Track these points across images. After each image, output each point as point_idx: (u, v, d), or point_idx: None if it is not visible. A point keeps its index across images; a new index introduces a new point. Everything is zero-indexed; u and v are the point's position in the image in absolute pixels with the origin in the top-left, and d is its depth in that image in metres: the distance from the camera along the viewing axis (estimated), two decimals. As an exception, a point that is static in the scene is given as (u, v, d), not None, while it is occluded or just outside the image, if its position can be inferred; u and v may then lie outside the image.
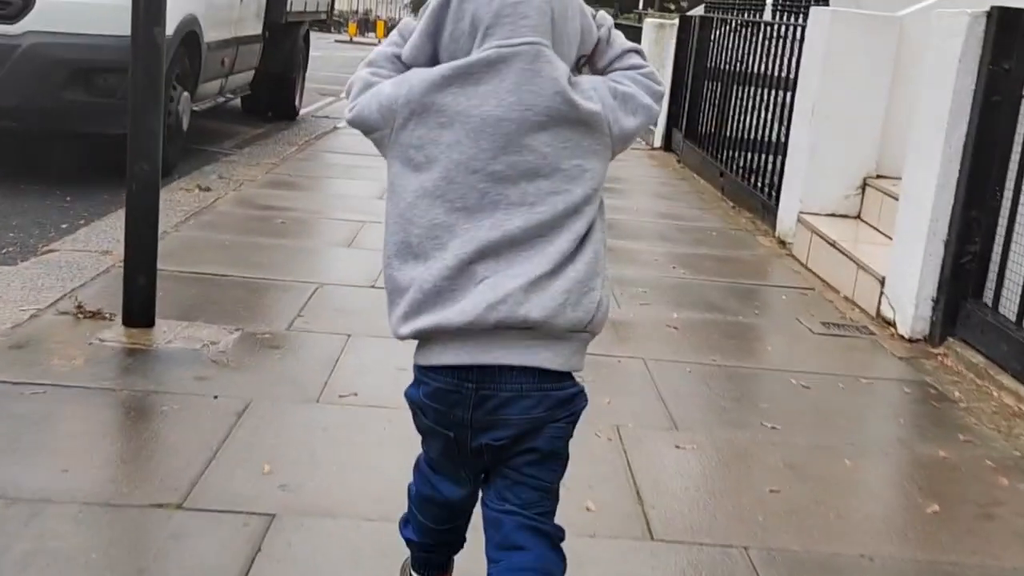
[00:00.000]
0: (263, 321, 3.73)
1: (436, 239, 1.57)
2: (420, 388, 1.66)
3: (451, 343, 1.59)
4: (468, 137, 1.55)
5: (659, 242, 5.79)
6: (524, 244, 1.56)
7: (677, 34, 9.82)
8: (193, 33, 7.06)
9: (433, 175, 1.57)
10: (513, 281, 1.55)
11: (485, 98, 1.54)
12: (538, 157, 1.56)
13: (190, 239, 4.85)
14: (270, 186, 6.37)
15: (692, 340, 4.00)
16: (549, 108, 1.55)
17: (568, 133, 1.58)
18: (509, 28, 1.54)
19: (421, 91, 1.57)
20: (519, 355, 1.58)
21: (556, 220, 1.57)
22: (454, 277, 1.56)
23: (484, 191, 1.56)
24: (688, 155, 8.94)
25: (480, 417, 1.61)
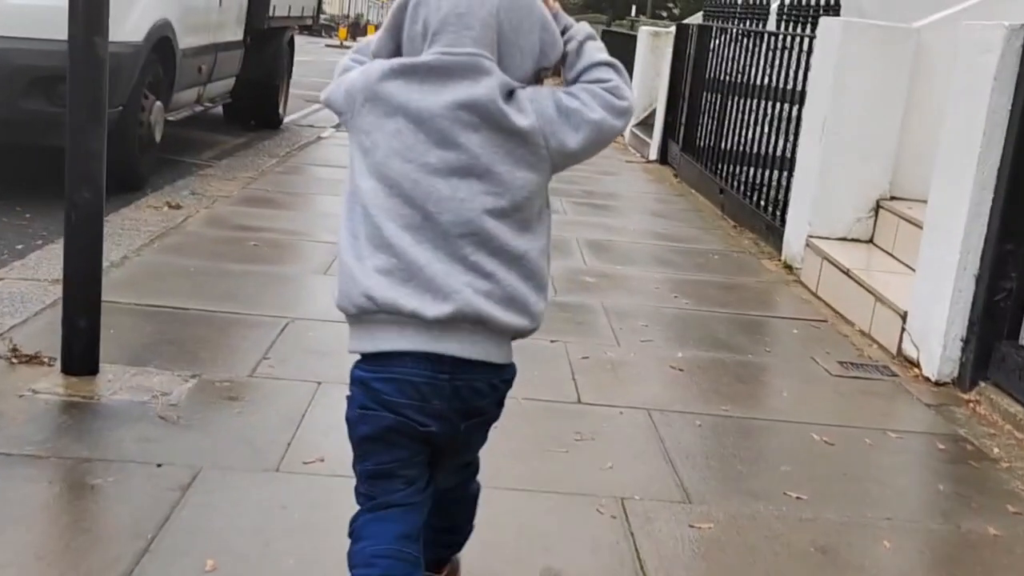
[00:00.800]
0: (224, 365, 3.31)
1: (376, 219, 1.62)
2: (386, 386, 1.63)
3: (405, 329, 1.62)
4: (407, 128, 1.61)
5: (657, 267, 5.38)
6: (457, 240, 1.60)
7: (674, 43, 9.43)
8: (166, 39, 6.63)
9: (376, 160, 1.63)
10: (455, 281, 1.60)
11: (426, 94, 1.60)
12: (470, 157, 1.60)
13: (152, 265, 4.42)
14: (245, 203, 5.94)
15: (700, 385, 3.59)
16: (483, 111, 1.60)
17: (501, 139, 1.61)
18: (452, 37, 1.60)
19: (374, 80, 1.64)
20: (474, 349, 1.64)
21: (487, 221, 1.61)
22: (400, 257, 1.60)
23: (416, 181, 1.61)
24: (686, 169, 8.55)
25: (456, 405, 1.66)
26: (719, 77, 7.88)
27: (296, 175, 7.17)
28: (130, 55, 6.09)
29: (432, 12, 1.62)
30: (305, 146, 8.57)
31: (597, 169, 8.98)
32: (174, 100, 7.11)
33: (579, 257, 5.42)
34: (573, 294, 4.66)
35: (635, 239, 6.07)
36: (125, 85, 6.10)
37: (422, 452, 1.69)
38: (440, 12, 1.61)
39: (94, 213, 3.03)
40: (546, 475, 2.73)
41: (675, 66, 9.36)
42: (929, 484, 2.96)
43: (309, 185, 6.92)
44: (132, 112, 6.27)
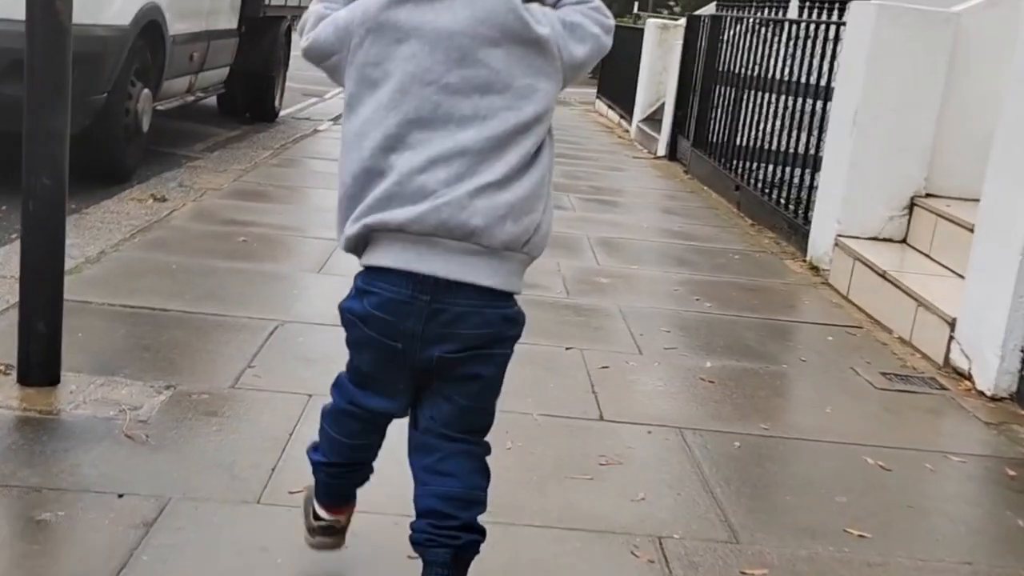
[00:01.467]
0: (203, 375, 2.93)
1: (389, 151, 1.58)
2: (365, 299, 1.64)
3: (392, 245, 1.60)
4: (423, 50, 1.57)
5: (676, 267, 5.01)
6: (474, 156, 1.58)
7: (684, 35, 9.05)
8: (155, 23, 6.23)
9: (388, 88, 1.58)
10: (460, 188, 1.57)
11: (440, 13, 1.57)
12: (491, 72, 1.58)
13: (131, 261, 4.03)
14: (236, 196, 5.55)
15: (733, 399, 3.21)
16: (503, 25, 1.58)
17: (521, 51, 1.60)
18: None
19: (377, 9, 1.59)
20: (457, 268, 1.60)
21: (506, 135, 1.59)
22: (404, 183, 1.58)
23: (437, 103, 1.58)
24: (697, 165, 8.17)
25: (433, 330, 1.62)
26: (733, 69, 7.50)
27: (291, 168, 6.79)
28: (115, 39, 5.70)
29: None
30: (301, 139, 8.19)
31: (604, 165, 8.61)
32: (164, 88, 6.71)
33: (591, 256, 5.05)
34: (587, 296, 4.28)
35: (649, 237, 5.69)
36: (110, 71, 5.71)
37: (401, 371, 1.67)
38: None
39: (55, 202, 2.64)
40: (569, 509, 2.35)
41: (685, 59, 8.98)
42: (1006, 519, 2.57)
43: (304, 178, 6.54)
44: (117, 99, 5.88)
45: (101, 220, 4.64)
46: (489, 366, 1.68)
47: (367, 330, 1.65)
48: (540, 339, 3.58)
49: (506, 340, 1.68)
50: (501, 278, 1.63)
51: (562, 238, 5.39)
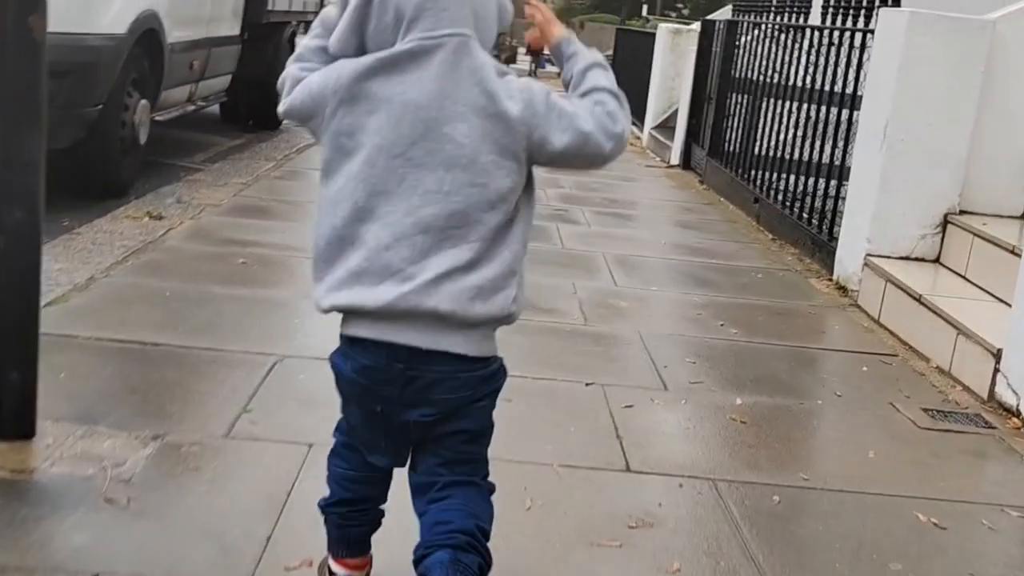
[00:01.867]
0: (194, 421, 2.69)
1: (359, 222, 1.60)
2: (348, 362, 1.67)
3: (365, 320, 1.62)
4: (390, 122, 1.58)
5: (696, 287, 4.76)
6: (438, 232, 1.58)
7: (699, 40, 8.80)
8: (152, 32, 6.00)
9: (359, 159, 1.60)
10: (424, 273, 1.58)
11: (408, 86, 1.57)
12: (456, 147, 1.57)
13: (121, 288, 3.79)
14: (236, 213, 5.31)
15: (768, 442, 2.96)
16: (468, 99, 1.58)
17: (488, 127, 1.58)
18: (431, 20, 1.57)
19: (350, 80, 1.60)
20: (430, 339, 1.61)
21: (470, 212, 1.58)
22: (372, 259, 1.59)
23: (402, 176, 1.58)
24: (713, 175, 7.92)
25: (409, 395, 1.64)
26: (750, 76, 7.25)
27: (293, 180, 6.55)
28: (111, 48, 5.48)
29: (404, 0, 1.57)
30: (304, 149, 7.94)
31: (616, 175, 8.36)
32: (162, 99, 6.49)
33: (607, 276, 4.80)
34: (605, 321, 4.03)
35: (667, 254, 5.44)
36: (105, 81, 5.49)
37: (382, 427, 1.69)
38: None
39: (29, 238, 2.40)
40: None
41: (699, 65, 8.73)
42: (1079, 588, 2.33)
43: (307, 192, 6.29)
44: (113, 111, 5.65)
45: (92, 241, 4.41)
46: (472, 420, 1.70)
47: (349, 390, 1.71)
48: (558, 373, 3.34)
49: (485, 396, 1.69)
50: (474, 345, 1.64)
51: (578, 256, 5.15)
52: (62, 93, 5.26)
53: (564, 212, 6.29)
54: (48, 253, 4.14)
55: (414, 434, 1.68)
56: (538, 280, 4.52)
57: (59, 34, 5.38)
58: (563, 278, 4.66)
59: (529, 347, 3.58)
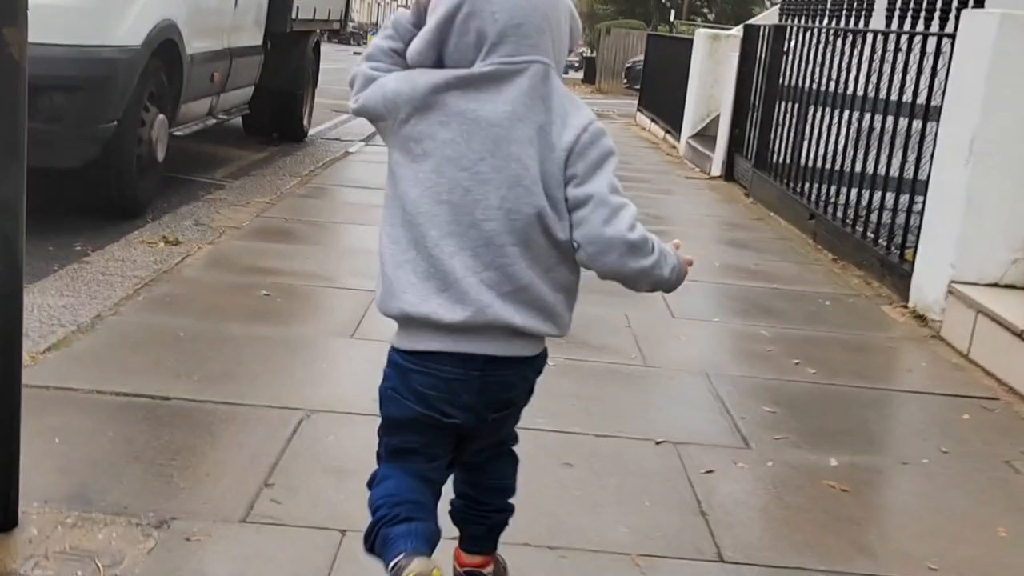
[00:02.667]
0: (207, 500, 2.27)
1: (420, 226, 1.62)
2: (416, 378, 1.65)
3: (438, 333, 1.62)
4: (462, 136, 1.61)
5: (761, 317, 4.30)
6: (497, 249, 1.60)
7: (741, 46, 8.34)
8: (171, 43, 5.63)
9: (427, 167, 1.62)
10: (489, 291, 1.61)
11: (483, 104, 1.61)
12: (520, 167, 1.60)
13: (131, 329, 3.39)
14: (258, 236, 4.91)
15: (878, 519, 2.52)
16: (536, 122, 1.61)
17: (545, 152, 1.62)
18: (513, 46, 1.60)
19: (426, 90, 1.62)
20: (507, 347, 1.65)
21: (529, 229, 1.61)
22: (436, 266, 1.61)
23: (468, 188, 1.61)
24: (760, 188, 7.45)
25: (484, 399, 1.67)
26: (802, 84, 6.78)
27: (320, 199, 6.15)
28: (126, 61, 5.11)
29: (488, 24, 1.59)
30: (331, 163, 7.56)
31: (656, 187, 7.92)
32: (181, 112, 6.12)
33: (662, 305, 4.35)
34: (667, 360, 3.59)
35: (723, 278, 4.99)
36: (120, 96, 5.11)
37: (446, 437, 1.71)
38: (497, 24, 1.59)
39: (8, 293, 2.00)
40: None
41: (742, 72, 8.27)
42: None
43: (335, 211, 5.89)
44: (129, 127, 5.28)
45: (102, 271, 4.02)
46: (520, 411, 1.80)
47: (418, 408, 1.66)
48: (622, 429, 2.90)
49: (532, 389, 1.77)
50: (539, 345, 1.72)
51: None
52: (74, 109, 4.89)
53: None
54: (53, 286, 3.78)
55: (487, 431, 1.73)
56: (586, 311, 4.04)
57: (70, 47, 5.06)
58: (613, 308, 4.22)
59: (586, 395, 3.15)
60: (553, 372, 1.78)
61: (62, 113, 4.86)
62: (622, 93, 20.36)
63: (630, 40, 23.26)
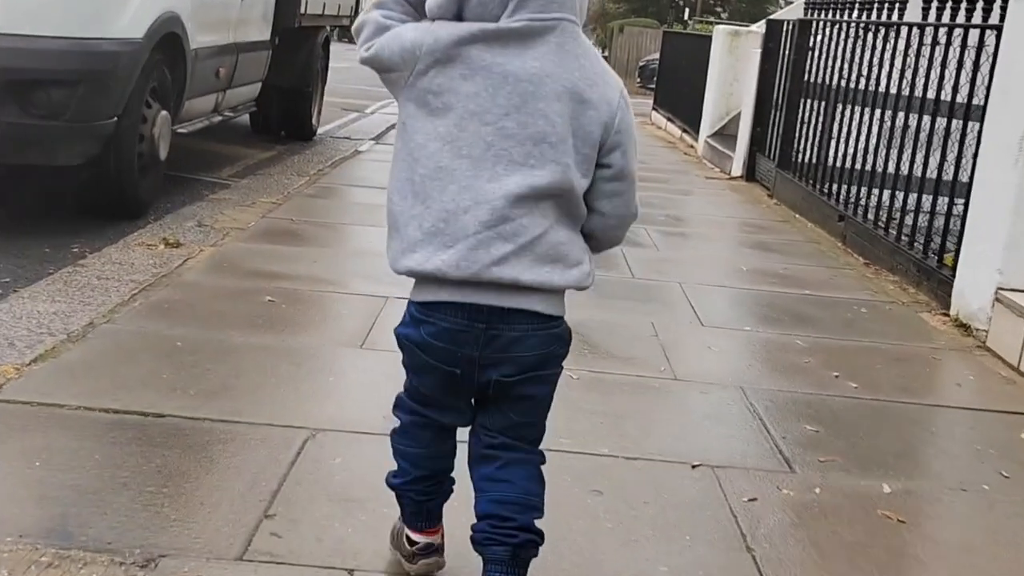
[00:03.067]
0: (200, 534, 2.04)
1: (438, 181, 1.60)
2: (422, 327, 1.67)
3: (446, 286, 1.62)
4: (487, 91, 1.57)
5: (796, 326, 4.05)
6: (517, 203, 1.59)
7: (763, 42, 8.09)
8: (174, 36, 5.41)
9: (447, 121, 1.59)
10: (504, 244, 1.59)
11: (510, 59, 1.57)
12: (547, 123, 1.58)
13: (125, 337, 3.17)
14: (263, 238, 4.69)
15: (942, 554, 2.27)
16: (567, 81, 1.59)
17: (578, 111, 1.60)
18: (542, 2, 1.57)
19: (448, 43, 1.58)
20: (514, 300, 1.63)
21: (551, 187, 1.60)
22: (449, 220, 1.59)
23: (490, 143, 1.58)
24: (784, 189, 7.20)
25: (489, 354, 1.65)
26: (829, 81, 6.53)
27: (328, 199, 5.92)
28: (127, 55, 4.89)
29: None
30: (340, 162, 7.34)
31: (677, 188, 7.68)
32: (185, 109, 5.90)
33: (690, 312, 4.11)
34: (699, 373, 3.35)
35: (751, 283, 4.74)
36: (120, 91, 4.90)
37: (459, 392, 1.72)
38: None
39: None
40: None
41: (765, 69, 8.01)
42: None
43: (343, 212, 5.66)
44: (130, 124, 5.06)
45: (98, 275, 3.80)
46: (541, 386, 1.73)
47: (426, 357, 1.68)
48: (655, 450, 2.67)
49: (557, 358, 1.73)
50: (553, 304, 1.67)
51: (652, 288, 4.47)
52: (72, 105, 4.67)
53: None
54: (44, 291, 3.56)
55: (492, 392, 1.70)
56: (611, 318, 3.86)
57: (68, 39, 4.83)
58: (639, 315, 3.99)
59: (614, 412, 2.92)
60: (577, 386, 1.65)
61: (60, 109, 4.64)
62: (635, 92, 20.10)
63: (643, 39, 23.01)
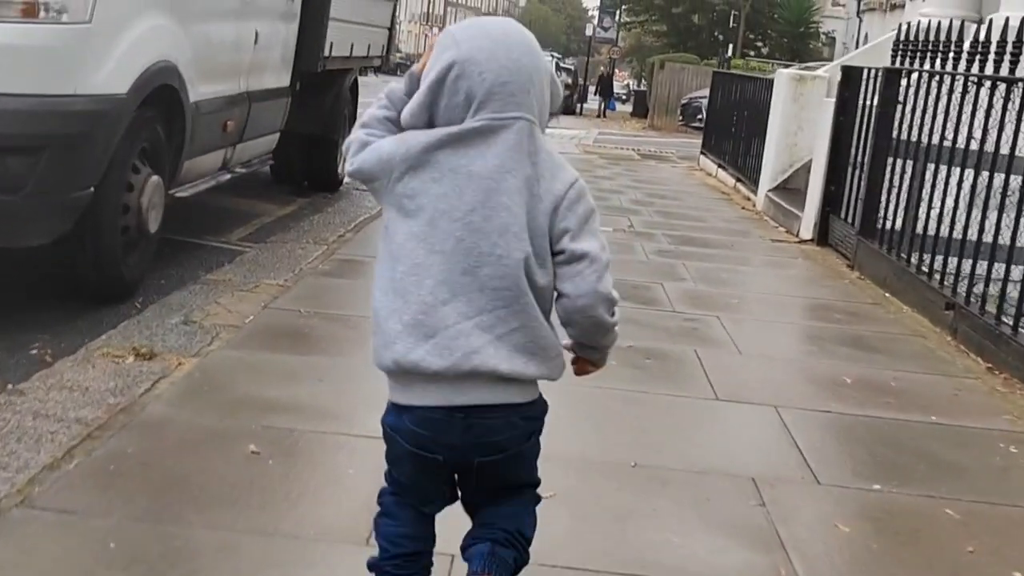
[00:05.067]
0: None
1: (415, 276, 1.70)
2: (404, 416, 1.74)
3: (429, 384, 1.69)
4: (454, 190, 1.70)
5: (933, 478, 3.06)
6: (493, 294, 1.68)
7: (839, 90, 7.11)
8: (169, 88, 4.57)
9: (420, 221, 1.71)
10: (483, 334, 1.68)
11: (472, 159, 1.70)
12: (509, 215, 1.69)
13: (35, 533, 2.23)
14: (260, 342, 3.77)
15: None
16: (523, 175, 1.71)
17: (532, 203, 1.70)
18: (499, 103, 1.69)
19: (419, 150, 1.71)
20: (491, 395, 1.71)
21: (520, 276, 1.69)
22: (428, 313, 1.68)
23: (460, 238, 1.69)
24: (869, 261, 6.19)
25: (470, 440, 1.72)
26: (927, 139, 5.55)
27: (345, 277, 5.00)
28: (107, 113, 4.05)
29: (476, 84, 1.68)
30: (364, 224, 6.43)
31: (741, 256, 6.70)
32: (185, 169, 5.04)
33: (800, 463, 3.12)
34: (815, 546, 2.37)
35: (864, 406, 3.72)
36: (98, 158, 4.05)
37: (439, 476, 1.79)
38: (485, 84, 1.68)
39: None
40: None
41: (840, 121, 7.04)
42: None
43: (361, 298, 4.67)
44: (111, 195, 4.21)
45: (37, 410, 2.89)
46: (526, 459, 1.82)
47: (407, 445, 1.75)
48: None
49: (536, 432, 1.81)
50: (528, 391, 1.76)
51: (742, 413, 3.48)
52: (35, 176, 3.80)
53: (695, 325, 4.64)
54: None
55: (476, 475, 1.77)
56: (697, 464, 2.88)
57: (29, 97, 3.95)
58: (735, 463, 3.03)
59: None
60: None
61: (19, 181, 3.79)
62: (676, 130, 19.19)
63: (684, 75, 22.08)
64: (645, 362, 3.95)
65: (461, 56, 1.68)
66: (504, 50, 1.69)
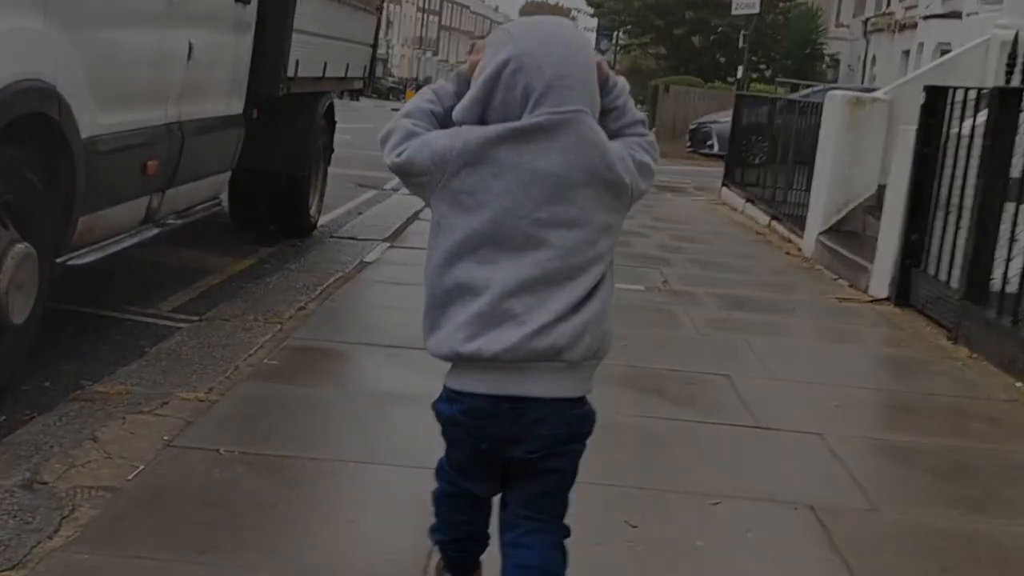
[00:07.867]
0: None
1: (481, 271, 1.72)
2: (454, 405, 1.79)
3: (485, 373, 1.74)
4: (519, 187, 1.71)
5: None
6: (556, 283, 1.73)
7: (921, 117, 5.73)
8: (43, 119, 3.17)
9: (482, 218, 1.72)
10: (544, 316, 1.72)
11: (536, 155, 1.71)
12: (577, 210, 1.73)
13: None
14: (140, 527, 2.32)
15: None
16: (591, 169, 1.74)
17: (603, 193, 1.76)
18: (558, 97, 1.70)
19: (477, 145, 1.71)
20: (546, 387, 1.75)
21: (584, 264, 1.75)
22: (495, 304, 1.71)
23: (528, 234, 1.72)
24: (982, 334, 4.76)
25: (515, 432, 1.76)
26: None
27: (300, 383, 3.50)
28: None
29: (534, 78, 1.69)
30: (335, 286, 4.99)
31: (802, 324, 5.30)
32: (83, 229, 3.64)
33: None
34: None
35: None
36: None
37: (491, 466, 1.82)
38: (544, 77, 1.69)
39: None
40: None
41: (923, 155, 5.66)
42: None
43: (322, 423, 3.25)
44: (-56, 275, 2.78)
45: None
46: (565, 461, 1.82)
47: (457, 431, 1.80)
48: None
49: (580, 436, 1.82)
50: (578, 386, 1.79)
51: None
52: None
53: (798, 455, 3.22)
54: None
55: (514, 470, 1.80)
56: None
57: None
58: None
59: None
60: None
61: None
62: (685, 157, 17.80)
63: (691, 98, 20.75)
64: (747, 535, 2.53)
65: (518, 51, 1.70)
66: (561, 45, 1.73)
